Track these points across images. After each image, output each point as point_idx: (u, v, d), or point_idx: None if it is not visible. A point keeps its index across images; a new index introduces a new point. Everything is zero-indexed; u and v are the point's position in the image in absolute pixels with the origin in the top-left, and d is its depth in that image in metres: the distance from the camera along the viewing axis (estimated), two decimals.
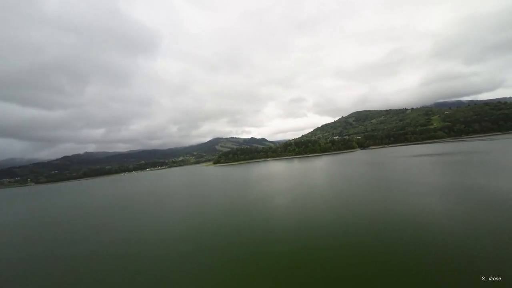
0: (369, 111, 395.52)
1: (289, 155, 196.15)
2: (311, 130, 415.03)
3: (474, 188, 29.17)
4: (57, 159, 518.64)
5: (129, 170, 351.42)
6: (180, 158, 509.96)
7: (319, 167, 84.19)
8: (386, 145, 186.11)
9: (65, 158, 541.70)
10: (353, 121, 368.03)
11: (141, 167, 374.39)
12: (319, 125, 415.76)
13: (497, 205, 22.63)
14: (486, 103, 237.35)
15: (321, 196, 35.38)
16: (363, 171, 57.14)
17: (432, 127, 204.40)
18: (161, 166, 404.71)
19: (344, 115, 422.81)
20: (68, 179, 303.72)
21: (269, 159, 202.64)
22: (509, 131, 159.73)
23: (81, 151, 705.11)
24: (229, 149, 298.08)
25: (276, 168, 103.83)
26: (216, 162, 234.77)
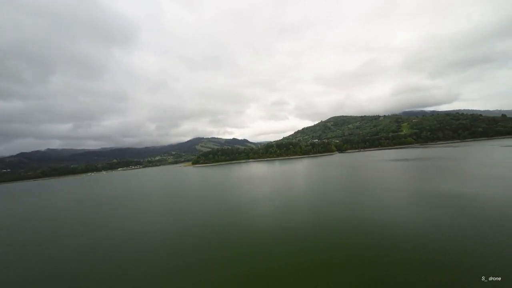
0: (346, 116, 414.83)
1: (271, 157, 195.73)
2: (292, 132, 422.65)
3: (465, 193, 29.48)
4: (11, 156, 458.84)
5: (97, 169, 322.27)
6: (157, 158, 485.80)
7: (301, 170, 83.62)
8: (362, 149, 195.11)
9: (22, 154, 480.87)
10: (332, 125, 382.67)
11: (112, 167, 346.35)
12: (300, 128, 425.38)
13: (489, 207, 23.01)
14: (447, 113, 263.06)
15: (307, 202, 33.42)
16: (346, 175, 57.13)
17: (402, 133, 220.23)
18: (135, 166, 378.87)
19: (323, 119, 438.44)
20: (23, 178, 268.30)
21: (250, 160, 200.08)
22: (467, 139, 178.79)
23: (43, 148, 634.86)
24: (209, 150, 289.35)
25: (257, 170, 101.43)
26: (195, 162, 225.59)
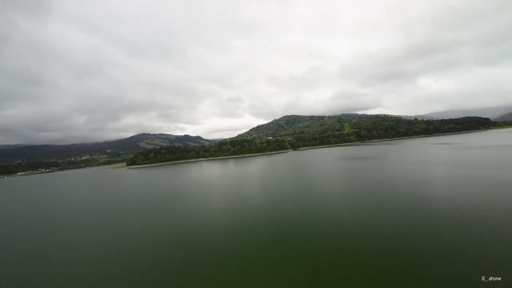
0: (297, 116, 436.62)
1: (224, 155, 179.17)
2: (247, 130, 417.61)
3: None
4: None
5: None
6: (85, 157, 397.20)
7: (258, 172, 71.61)
8: (313, 147, 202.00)
9: None
10: (284, 123, 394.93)
11: (7, 170, 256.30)
12: (255, 126, 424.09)
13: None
14: (378, 115, 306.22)
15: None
16: (311, 181, 47.77)
17: (345, 132, 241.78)
18: (47, 169, 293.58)
19: (276, 118, 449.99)
20: None
21: (201, 159, 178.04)
22: (394, 138, 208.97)
23: None
24: (154, 147, 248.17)
25: (207, 172, 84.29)
26: (131, 163, 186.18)
